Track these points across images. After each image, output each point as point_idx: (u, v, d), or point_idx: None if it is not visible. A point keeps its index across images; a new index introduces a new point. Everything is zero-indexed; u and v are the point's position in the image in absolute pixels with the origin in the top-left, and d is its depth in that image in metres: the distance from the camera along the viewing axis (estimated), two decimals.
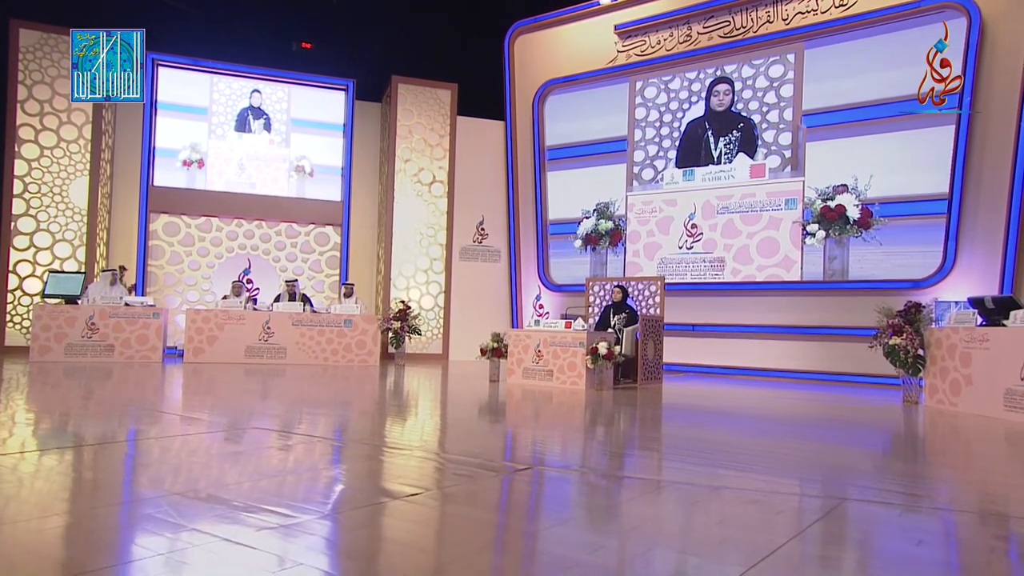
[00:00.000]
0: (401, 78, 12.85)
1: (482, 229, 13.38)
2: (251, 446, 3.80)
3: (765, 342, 10.67)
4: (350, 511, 2.49)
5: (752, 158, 11.00)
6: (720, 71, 11.41)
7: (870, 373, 9.32)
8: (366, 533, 2.26)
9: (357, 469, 3.32)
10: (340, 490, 2.87)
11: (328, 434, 4.43)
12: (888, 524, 2.56)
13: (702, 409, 6.39)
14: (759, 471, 3.46)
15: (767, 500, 2.82)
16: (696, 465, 3.61)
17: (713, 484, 3.11)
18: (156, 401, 5.81)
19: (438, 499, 2.70)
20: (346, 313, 10.56)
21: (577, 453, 3.97)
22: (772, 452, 4.08)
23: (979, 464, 4.11)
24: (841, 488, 3.16)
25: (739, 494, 2.90)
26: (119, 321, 9.59)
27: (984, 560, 2.19)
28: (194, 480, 2.93)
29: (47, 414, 4.86)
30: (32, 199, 11.08)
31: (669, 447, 4.34)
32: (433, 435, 4.57)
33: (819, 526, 2.48)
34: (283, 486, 2.86)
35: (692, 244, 11.51)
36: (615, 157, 12.42)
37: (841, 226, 10.12)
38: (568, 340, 7.90)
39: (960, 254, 9.16)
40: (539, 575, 1.92)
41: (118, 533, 2.18)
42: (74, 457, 3.35)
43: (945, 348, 6.74)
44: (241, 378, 7.92)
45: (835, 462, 3.85)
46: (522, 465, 3.46)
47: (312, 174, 12.89)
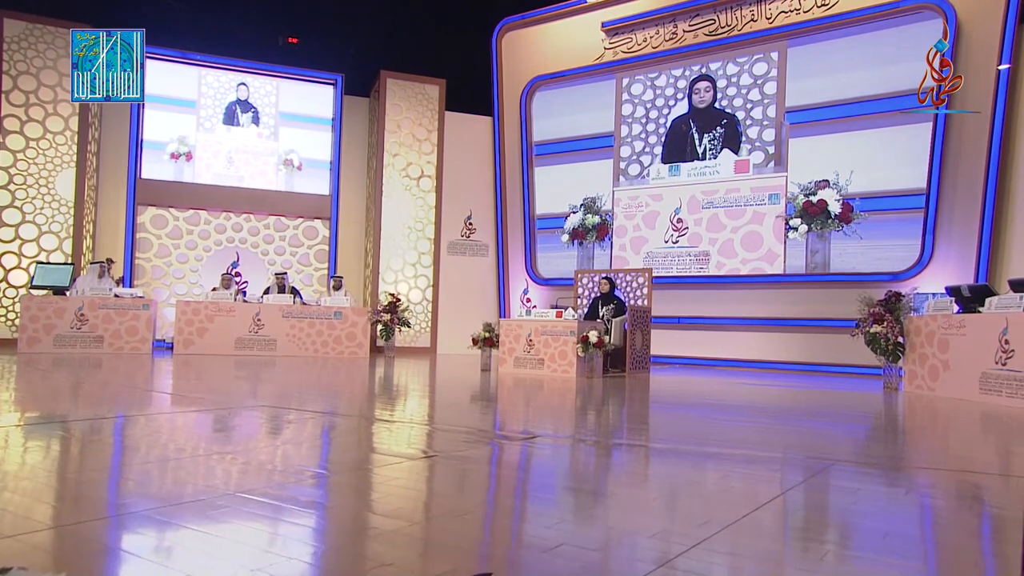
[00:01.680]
0: (390, 73, 12.98)
1: (470, 224, 13.55)
2: (267, 418, 3.95)
3: (749, 334, 10.95)
4: (377, 467, 2.66)
5: (736, 154, 11.28)
6: (705, 69, 11.68)
7: (851, 363, 9.62)
8: (397, 483, 2.43)
9: (371, 437, 3.48)
10: (362, 453, 3.03)
11: (338, 410, 4.58)
12: (857, 482, 2.77)
13: (690, 393, 6.63)
14: (744, 436, 3.67)
15: (750, 454, 3.03)
16: (685, 433, 3.82)
17: (701, 451, 3.32)
18: (156, 385, 5.91)
19: (454, 459, 2.88)
20: (335, 305, 10.68)
21: (576, 427, 4.17)
22: (757, 426, 4.30)
23: (949, 435, 4.36)
24: (819, 451, 3.38)
25: (723, 452, 3.11)
26: (108, 312, 9.63)
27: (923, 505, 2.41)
28: (226, 446, 3.07)
29: (49, 398, 4.96)
30: (18, 191, 11.06)
31: (659, 424, 4.55)
32: (435, 412, 4.74)
33: (797, 484, 2.69)
34: (300, 450, 3.02)
35: (678, 238, 11.77)
36: (602, 153, 12.65)
37: (823, 220, 10.42)
38: (559, 329, 8.09)
39: (937, 247, 9.49)
40: (551, 515, 2.10)
41: (162, 473, 2.32)
42: (82, 429, 3.48)
43: (924, 335, 7.03)
44: (234, 367, 8.02)
45: (813, 431, 4.08)
46: (529, 434, 3.64)
47: (300, 168, 12.98)
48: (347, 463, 2.76)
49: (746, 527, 1.93)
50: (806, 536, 1.94)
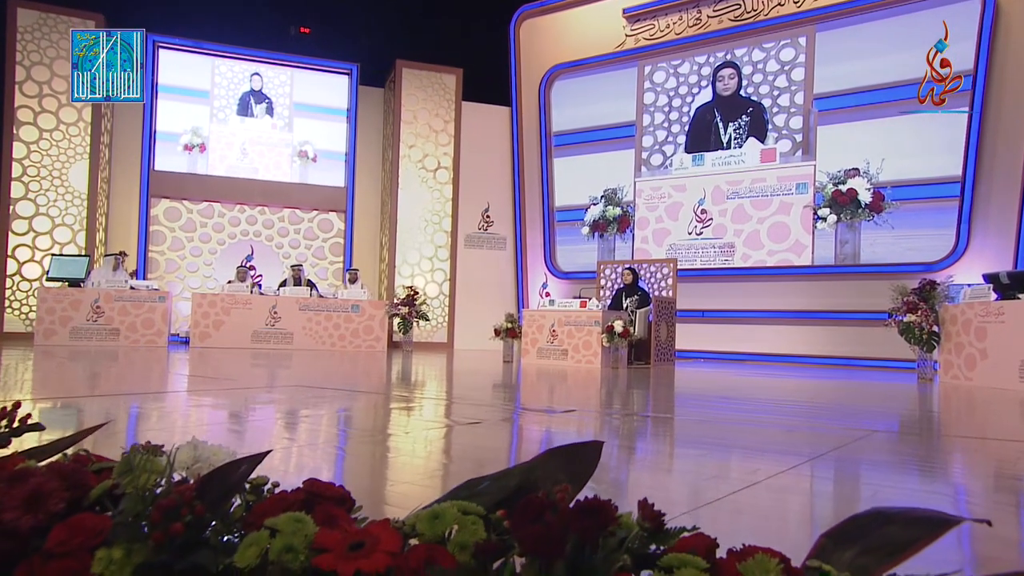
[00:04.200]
0: (405, 62, 13.10)
1: (487, 216, 13.64)
2: (317, 397, 4.05)
3: (777, 328, 10.96)
4: (426, 431, 2.75)
5: (763, 142, 11.30)
6: (730, 55, 11.71)
7: (884, 357, 9.62)
8: (455, 440, 2.51)
9: (416, 411, 3.57)
10: (411, 420, 3.12)
11: (374, 390, 4.67)
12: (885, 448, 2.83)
13: (718, 384, 6.67)
14: (770, 413, 3.73)
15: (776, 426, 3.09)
16: (713, 411, 3.88)
17: (732, 420, 3.38)
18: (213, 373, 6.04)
19: (498, 425, 2.96)
20: (353, 299, 10.80)
21: (608, 402, 4.24)
22: (786, 409, 4.35)
23: (987, 421, 4.39)
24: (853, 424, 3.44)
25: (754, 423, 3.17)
26: (124, 305, 9.79)
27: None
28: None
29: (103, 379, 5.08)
30: (31, 183, 11.26)
31: (687, 406, 4.62)
32: (469, 392, 4.82)
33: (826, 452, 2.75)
34: (352, 419, 3.11)
35: (702, 230, 11.80)
36: (623, 143, 12.70)
37: (853, 210, 10.42)
38: (583, 319, 8.16)
39: (973, 236, 9.47)
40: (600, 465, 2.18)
41: None
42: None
43: (960, 324, 7.04)
44: (261, 359, 8.14)
45: (845, 412, 4.13)
46: (565, 407, 3.72)
47: (315, 159, 13.12)
48: (395, 426, 2.85)
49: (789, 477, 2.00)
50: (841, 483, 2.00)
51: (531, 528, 0.63)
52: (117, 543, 0.78)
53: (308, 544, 0.73)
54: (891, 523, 0.71)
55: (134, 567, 0.76)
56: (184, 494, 0.81)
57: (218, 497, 0.84)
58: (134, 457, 0.90)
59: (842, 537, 0.71)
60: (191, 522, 0.79)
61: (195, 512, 0.79)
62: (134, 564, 0.77)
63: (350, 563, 0.70)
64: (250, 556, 0.73)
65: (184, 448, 0.91)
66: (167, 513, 0.79)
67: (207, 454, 0.92)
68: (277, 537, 0.73)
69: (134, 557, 0.77)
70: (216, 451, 0.93)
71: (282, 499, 0.84)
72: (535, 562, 0.64)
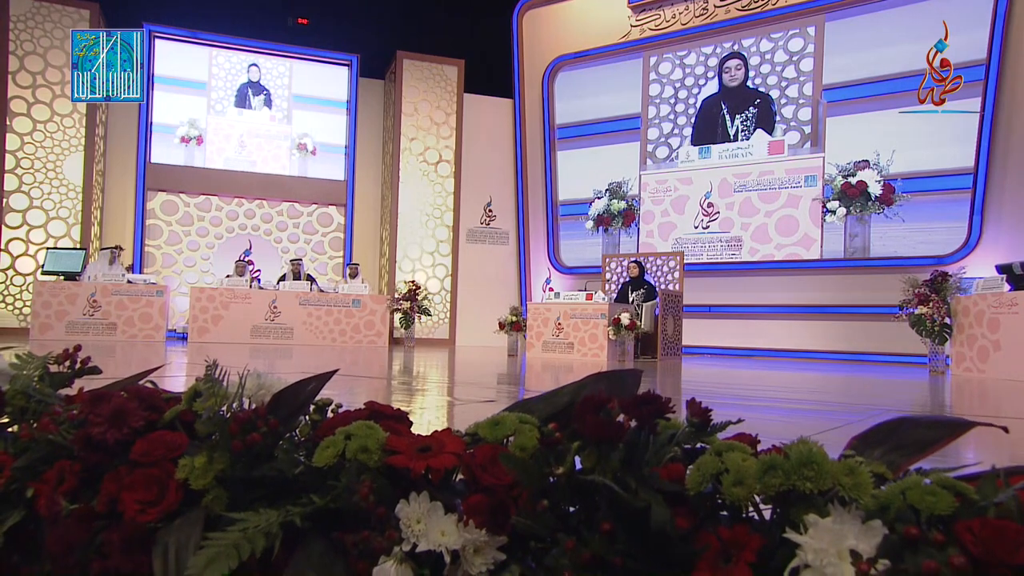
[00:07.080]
0: (406, 54, 13.18)
1: (490, 210, 13.73)
2: None
3: (786, 323, 11.04)
4: (438, 409, 2.84)
5: (770, 134, 11.38)
6: (737, 46, 11.79)
7: (894, 352, 9.71)
8: (467, 410, 2.60)
9: (431, 390, 3.66)
10: (425, 398, 3.21)
11: (379, 375, 4.76)
12: None
13: (726, 376, 6.76)
14: (782, 398, 3.82)
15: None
16: (722, 410, 3.97)
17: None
18: None
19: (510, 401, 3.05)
20: (354, 293, 10.88)
21: None
22: (798, 397, 4.44)
23: (999, 408, 4.48)
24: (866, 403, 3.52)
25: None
26: (121, 299, 9.87)
27: None
28: None
29: None
30: (25, 175, 11.32)
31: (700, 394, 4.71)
32: (478, 379, 4.91)
33: None
34: None
35: (708, 223, 11.89)
36: (628, 135, 12.79)
37: (862, 203, 10.51)
38: (589, 312, 8.25)
39: (986, 228, 9.56)
40: None
41: None
42: None
43: (973, 315, 7.13)
44: (261, 354, 8.23)
45: (854, 408, 4.22)
46: None
47: (315, 152, 13.21)
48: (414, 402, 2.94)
49: None
50: None
51: (592, 417, 0.71)
52: (199, 453, 0.87)
53: (380, 446, 0.81)
54: (917, 426, 0.80)
55: (215, 472, 0.85)
56: (258, 409, 0.90)
57: (288, 414, 0.93)
58: (203, 384, 0.99)
59: (872, 439, 0.80)
60: (265, 434, 0.88)
61: (269, 425, 0.88)
62: (215, 470, 0.85)
63: (420, 462, 0.79)
64: (328, 456, 0.82)
65: (250, 377, 1.00)
66: (244, 425, 0.87)
67: (270, 383, 1.00)
68: (352, 439, 0.82)
69: (215, 464, 0.86)
70: (278, 382, 1.01)
71: (346, 416, 0.93)
72: (594, 451, 0.72)
